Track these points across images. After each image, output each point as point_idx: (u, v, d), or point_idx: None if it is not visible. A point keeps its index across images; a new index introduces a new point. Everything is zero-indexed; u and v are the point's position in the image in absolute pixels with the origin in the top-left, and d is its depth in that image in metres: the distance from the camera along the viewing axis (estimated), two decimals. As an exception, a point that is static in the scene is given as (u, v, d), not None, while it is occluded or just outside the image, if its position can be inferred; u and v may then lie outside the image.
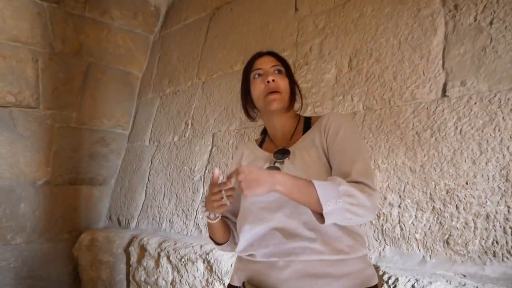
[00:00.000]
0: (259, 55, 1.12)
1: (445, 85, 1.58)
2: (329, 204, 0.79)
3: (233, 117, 2.49)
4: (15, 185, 2.80)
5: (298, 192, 0.81)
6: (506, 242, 1.29)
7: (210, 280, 1.95)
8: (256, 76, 1.07)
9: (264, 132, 1.18)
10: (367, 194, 0.83)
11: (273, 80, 1.03)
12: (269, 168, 0.98)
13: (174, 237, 2.37)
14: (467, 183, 1.41)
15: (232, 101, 2.53)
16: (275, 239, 0.91)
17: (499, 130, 1.38)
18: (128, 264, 2.49)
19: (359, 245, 0.91)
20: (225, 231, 1.08)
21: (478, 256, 1.33)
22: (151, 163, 2.98)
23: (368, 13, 1.94)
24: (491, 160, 1.38)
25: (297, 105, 1.14)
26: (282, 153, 1.01)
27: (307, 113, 2.10)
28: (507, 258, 1.28)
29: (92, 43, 3.18)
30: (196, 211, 2.46)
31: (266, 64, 1.07)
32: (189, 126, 2.80)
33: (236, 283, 0.99)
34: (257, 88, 1.05)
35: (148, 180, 2.94)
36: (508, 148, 1.35)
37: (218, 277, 1.90)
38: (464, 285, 1.22)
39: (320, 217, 0.82)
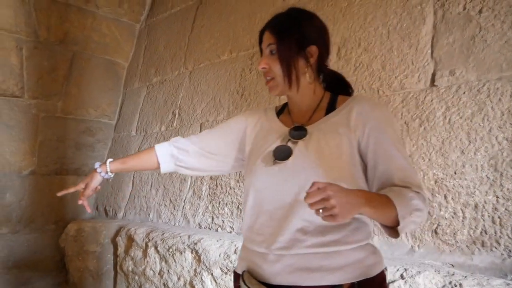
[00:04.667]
0: (261, 30, 1.00)
1: (433, 74, 1.57)
2: (404, 221, 0.79)
3: (220, 107, 2.46)
4: (0, 175, 2.74)
5: (381, 211, 0.78)
6: (495, 232, 1.29)
7: (198, 270, 1.94)
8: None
9: None
10: (427, 205, 0.85)
11: (264, 67, 0.95)
12: (280, 147, 0.93)
13: (162, 227, 2.34)
14: (455, 173, 1.41)
15: (219, 91, 2.50)
16: (269, 227, 0.89)
17: (487, 120, 1.38)
18: (115, 254, 2.47)
19: (359, 233, 0.87)
20: (142, 164, 1.17)
21: (467, 246, 1.33)
22: (139, 153, 2.94)
23: (356, 2, 1.92)
24: (480, 149, 1.38)
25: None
26: (299, 132, 0.93)
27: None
28: (495, 248, 1.29)
29: (77, 31, 3.10)
30: (184, 201, 2.44)
31: (264, 43, 0.97)
32: (177, 116, 2.76)
33: (239, 271, 0.97)
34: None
35: (136, 170, 2.91)
36: (496, 137, 1.35)
37: (206, 267, 1.89)
38: (453, 274, 1.22)
39: (391, 230, 0.82)
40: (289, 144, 0.92)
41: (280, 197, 0.88)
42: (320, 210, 0.69)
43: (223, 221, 2.17)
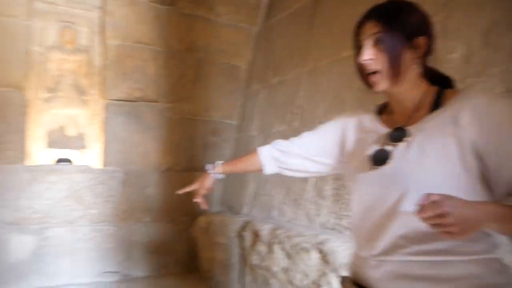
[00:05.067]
0: (361, 20, 0.92)
1: None
2: None
3: (343, 105, 2.40)
4: (144, 171, 3.19)
5: (510, 226, 0.73)
6: None
7: (324, 270, 1.93)
8: (357, 49, 0.90)
9: None
10: None
11: (371, 58, 0.86)
12: (378, 151, 0.87)
13: (286, 225, 2.40)
14: None
15: (341, 89, 2.44)
16: (371, 232, 0.87)
17: None
18: (242, 248, 2.62)
19: (477, 244, 0.77)
20: (248, 166, 1.24)
21: None
22: (260, 152, 3.07)
23: (508, -24, 1.66)
24: None
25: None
26: (399, 133, 0.86)
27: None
28: None
29: (201, 39, 3.40)
30: (307, 201, 2.45)
31: (364, 32, 0.89)
32: (297, 115, 2.79)
33: (346, 274, 1.01)
34: (355, 64, 0.91)
35: (257, 168, 3.03)
36: None
37: (333, 268, 1.87)
38: None
39: None
40: (388, 147, 0.86)
41: (380, 203, 0.84)
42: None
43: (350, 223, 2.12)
